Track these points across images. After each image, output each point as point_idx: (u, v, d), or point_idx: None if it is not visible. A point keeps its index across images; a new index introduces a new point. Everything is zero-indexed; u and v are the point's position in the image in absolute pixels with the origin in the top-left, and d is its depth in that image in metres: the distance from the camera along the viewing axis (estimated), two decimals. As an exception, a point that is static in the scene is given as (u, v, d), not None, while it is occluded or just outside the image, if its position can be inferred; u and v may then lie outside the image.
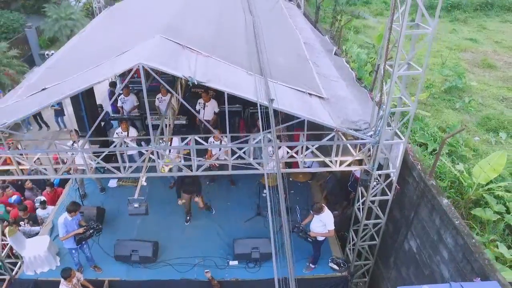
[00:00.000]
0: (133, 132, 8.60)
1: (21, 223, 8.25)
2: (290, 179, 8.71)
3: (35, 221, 8.59)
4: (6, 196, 8.90)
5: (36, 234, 8.07)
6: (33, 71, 15.74)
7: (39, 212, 8.68)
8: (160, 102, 9.47)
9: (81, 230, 6.76)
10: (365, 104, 6.51)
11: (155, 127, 9.25)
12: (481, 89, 14.20)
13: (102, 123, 9.69)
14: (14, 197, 8.75)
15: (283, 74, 6.25)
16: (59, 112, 12.52)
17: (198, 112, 8.96)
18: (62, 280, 6.22)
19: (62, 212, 8.35)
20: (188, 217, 8.16)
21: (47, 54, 16.56)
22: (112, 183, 9.18)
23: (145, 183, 5.60)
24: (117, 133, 8.37)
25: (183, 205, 7.90)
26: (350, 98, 6.45)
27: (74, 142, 7.55)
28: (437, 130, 10.72)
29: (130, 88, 9.83)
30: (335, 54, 10.52)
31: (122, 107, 9.76)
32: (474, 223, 7.62)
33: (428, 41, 5.14)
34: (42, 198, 8.63)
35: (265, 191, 8.48)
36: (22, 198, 9.16)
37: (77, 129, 8.52)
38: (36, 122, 13.17)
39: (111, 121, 10.56)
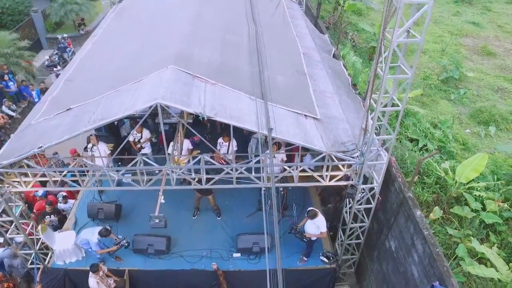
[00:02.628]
0: (146, 133, 9.59)
1: (47, 216, 9.43)
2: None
3: (58, 213, 9.77)
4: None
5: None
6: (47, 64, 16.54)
7: (61, 205, 9.84)
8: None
9: (114, 248, 7.97)
10: (354, 121, 7.42)
11: (166, 125, 10.28)
12: (478, 79, 14.90)
13: (116, 122, 10.65)
14: (41, 191, 9.84)
15: (282, 95, 7.13)
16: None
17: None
18: (91, 273, 7.43)
19: (82, 205, 9.59)
20: (196, 212, 9.29)
21: (62, 38, 17.33)
22: (127, 180, 10.24)
23: (163, 201, 6.63)
24: (132, 134, 9.36)
25: (194, 202, 9.05)
26: (341, 117, 7.36)
27: (93, 145, 8.64)
28: (429, 126, 11.62)
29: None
30: (334, 55, 11.30)
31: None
32: (454, 218, 8.73)
33: (428, 12, 5.41)
34: (64, 193, 9.76)
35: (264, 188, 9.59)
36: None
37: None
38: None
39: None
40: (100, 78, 7.84)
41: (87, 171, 7.40)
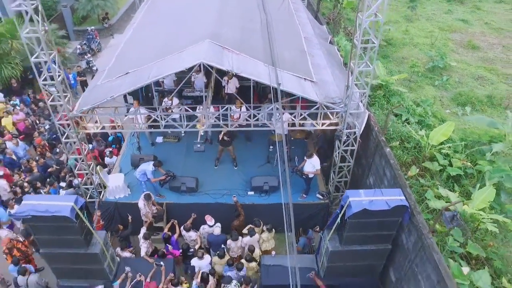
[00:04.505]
0: (176, 101, 12.47)
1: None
2: (292, 138, 12.58)
3: (104, 166, 12.61)
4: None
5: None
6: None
7: (107, 160, 12.69)
8: (194, 78, 13.22)
9: (164, 177, 10.83)
10: (342, 86, 10.25)
11: (190, 97, 13.20)
12: (461, 68, 17.68)
13: (150, 94, 13.54)
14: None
15: (287, 65, 9.96)
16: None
17: (224, 87, 12.79)
18: (144, 201, 10.25)
19: (125, 160, 12.46)
20: (217, 162, 12.15)
21: (90, 30, 20.39)
22: (159, 139, 13.17)
23: (202, 133, 9.45)
24: (164, 102, 12.23)
25: (217, 154, 11.95)
26: (332, 82, 10.21)
27: (137, 109, 11.54)
28: (411, 104, 14.39)
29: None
30: (330, 42, 14.22)
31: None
32: (426, 173, 11.48)
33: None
34: (111, 149, 12.65)
35: (271, 146, 12.49)
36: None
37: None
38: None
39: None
40: (147, 52, 10.71)
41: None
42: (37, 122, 14.60)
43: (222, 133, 10.93)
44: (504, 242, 9.39)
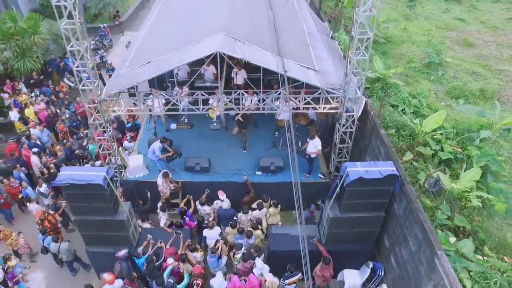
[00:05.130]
0: (186, 89, 13.82)
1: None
2: (296, 125, 13.91)
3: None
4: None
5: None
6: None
7: (126, 144, 14.00)
8: (204, 71, 14.54)
9: (171, 154, 12.17)
10: (341, 75, 11.59)
11: (201, 88, 14.55)
12: (456, 64, 18.99)
13: (164, 84, 14.89)
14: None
15: (292, 56, 11.28)
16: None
17: (233, 78, 14.13)
18: (162, 178, 11.57)
19: (143, 144, 13.81)
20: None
21: (103, 27, 21.80)
22: (173, 126, 14.53)
23: (218, 114, 10.80)
24: (175, 89, 13.57)
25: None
26: (333, 71, 11.53)
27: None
28: (407, 96, 15.71)
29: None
30: (331, 37, 15.60)
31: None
32: (420, 157, 12.78)
33: None
34: (131, 134, 14.02)
35: (277, 132, 13.84)
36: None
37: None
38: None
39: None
40: (165, 44, 12.05)
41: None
42: (58, 111, 15.96)
43: (239, 115, 12.38)
44: (489, 217, 10.68)
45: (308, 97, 10.68)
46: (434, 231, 8.37)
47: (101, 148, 11.81)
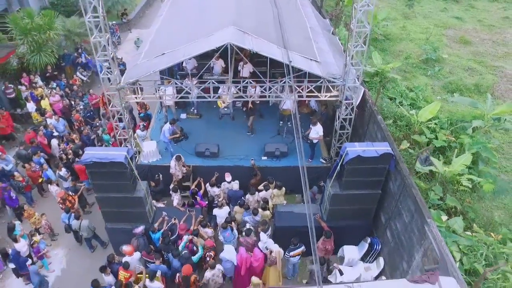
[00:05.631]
0: (195, 81, 14.93)
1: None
2: (299, 115, 14.97)
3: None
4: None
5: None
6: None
7: (139, 132, 15.07)
8: (213, 64, 15.69)
9: (178, 135, 13.30)
10: (341, 67, 12.74)
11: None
12: (453, 61, 20.08)
13: (174, 77, 15.98)
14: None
15: (296, 49, 12.37)
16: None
17: (239, 71, 15.28)
18: (175, 161, 12.67)
19: (154, 132, 14.94)
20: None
21: (112, 24, 22.94)
22: (183, 116, 15.68)
23: (225, 104, 11.94)
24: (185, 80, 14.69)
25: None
26: (333, 63, 12.65)
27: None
28: (404, 89, 16.82)
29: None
30: (332, 33, 16.75)
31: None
32: (416, 145, 13.86)
33: None
34: (144, 123, 15.14)
35: (281, 122, 14.97)
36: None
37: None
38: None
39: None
40: (177, 38, 13.17)
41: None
42: (72, 103, 17.10)
43: (249, 103, 13.61)
44: (479, 199, 11.74)
45: (311, 86, 11.79)
46: (424, 203, 9.45)
47: (118, 134, 12.90)
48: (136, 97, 12.22)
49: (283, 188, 12.71)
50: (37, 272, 10.93)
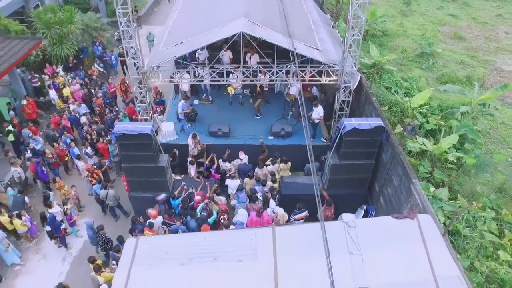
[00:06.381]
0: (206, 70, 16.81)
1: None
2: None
3: (152, 121, 16.92)
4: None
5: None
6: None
7: (156, 116, 16.99)
8: (222, 55, 17.57)
9: (188, 110, 15.19)
10: (340, 55, 14.64)
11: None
12: (447, 55, 21.86)
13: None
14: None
15: (300, 38, 14.27)
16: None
17: (247, 62, 17.16)
18: (192, 139, 14.52)
19: (170, 116, 16.82)
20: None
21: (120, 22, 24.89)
22: (196, 101, 17.53)
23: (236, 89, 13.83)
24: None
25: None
26: (333, 52, 14.53)
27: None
28: (399, 79, 18.65)
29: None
30: (333, 27, 18.69)
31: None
32: None
33: None
34: (160, 108, 17.01)
35: (290, 109, 16.84)
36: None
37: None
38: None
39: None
40: (193, 28, 15.08)
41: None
42: (92, 91, 19.01)
43: (258, 86, 15.46)
44: (463, 176, 13.50)
45: (313, 70, 13.69)
46: (411, 167, 11.29)
47: (140, 114, 14.78)
48: (158, 81, 14.07)
49: (289, 163, 14.50)
50: (91, 226, 12.70)
